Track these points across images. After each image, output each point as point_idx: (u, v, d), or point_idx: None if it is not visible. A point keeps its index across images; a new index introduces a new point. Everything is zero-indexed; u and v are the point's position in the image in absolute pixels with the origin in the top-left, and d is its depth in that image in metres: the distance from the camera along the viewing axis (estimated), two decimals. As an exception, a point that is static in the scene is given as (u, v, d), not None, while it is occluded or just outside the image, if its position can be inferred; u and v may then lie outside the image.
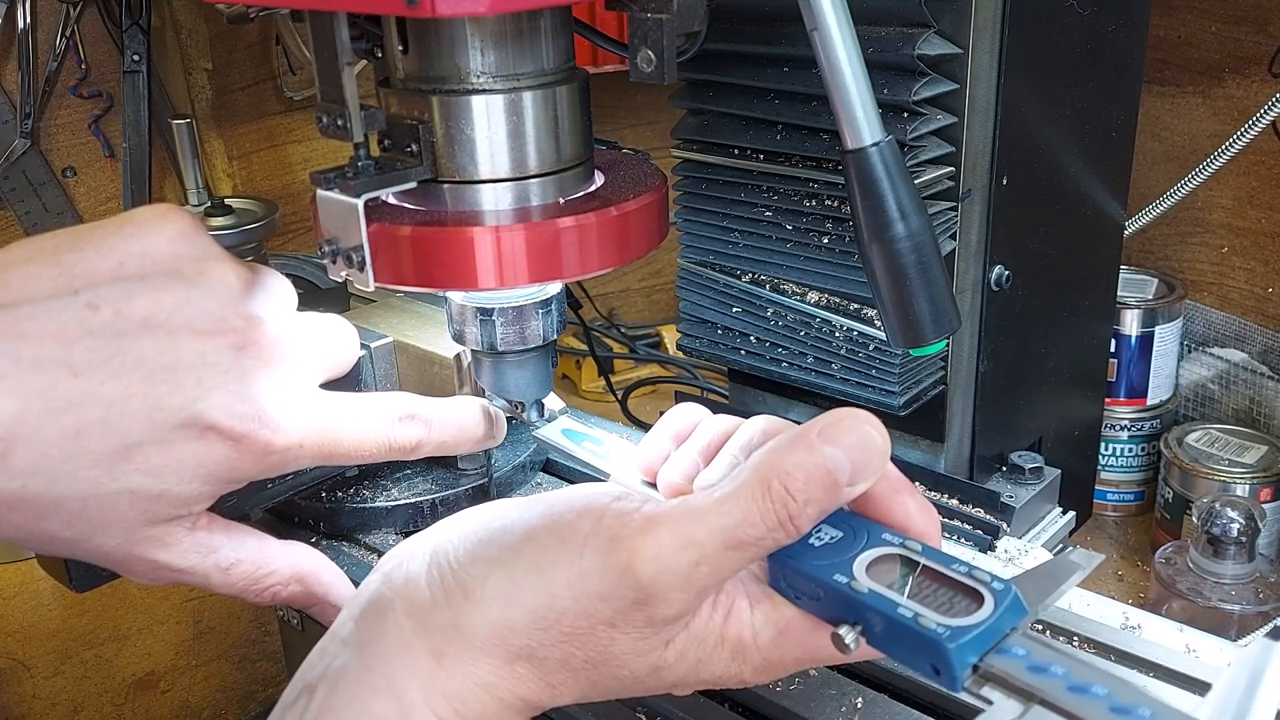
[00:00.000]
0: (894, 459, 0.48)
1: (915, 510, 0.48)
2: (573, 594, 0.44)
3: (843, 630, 0.44)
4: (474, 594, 0.46)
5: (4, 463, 0.46)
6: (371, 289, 0.55)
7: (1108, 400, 1.06)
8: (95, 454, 0.47)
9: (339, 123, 0.51)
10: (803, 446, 0.44)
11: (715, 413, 0.57)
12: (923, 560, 0.45)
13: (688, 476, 0.54)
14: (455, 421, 0.63)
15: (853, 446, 0.44)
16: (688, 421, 0.57)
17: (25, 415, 0.45)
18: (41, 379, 0.46)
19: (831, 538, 0.46)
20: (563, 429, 0.67)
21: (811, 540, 0.46)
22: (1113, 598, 0.63)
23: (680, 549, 0.43)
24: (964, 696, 0.47)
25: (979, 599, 0.43)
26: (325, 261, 0.55)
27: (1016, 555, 0.67)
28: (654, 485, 0.56)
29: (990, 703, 0.41)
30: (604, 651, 0.45)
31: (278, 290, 0.55)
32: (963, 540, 0.68)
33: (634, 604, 0.44)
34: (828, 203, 0.69)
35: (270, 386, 0.52)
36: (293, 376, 0.54)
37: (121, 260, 0.49)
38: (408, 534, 0.69)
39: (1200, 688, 0.54)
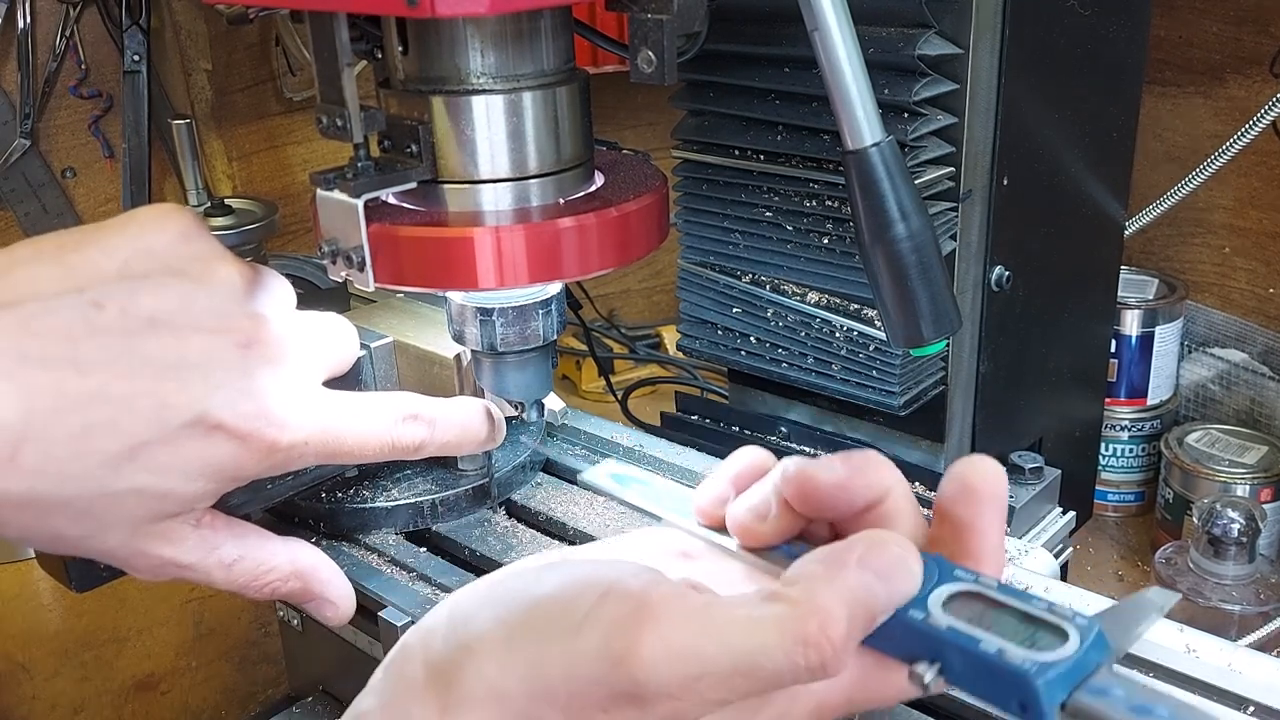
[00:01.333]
0: (894, 459, 0.48)
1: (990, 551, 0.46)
2: (564, 674, 0.41)
3: (920, 668, 0.42)
4: (475, 650, 0.44)
5: (12, 464, 0.45)
6: (371, 289, 0.55)
7: (1108, 400, 1.06)
8: (103, 454, 0.47)
9: (339, 123, 0.51)
10: (843, 581, 0.41)
11: (716, 414, 0.56)
12: (1000, 597, 0.43)
13: (760, 515, 0.50)
14: (459, 422, 0.63)
15: (890, 574, 0.42)
16: (749, 464, 0.53)
17: (33, 415, 0.45)
18: (49, 377, 0.46)
19: None
20: (611, 474, 0.63)
21: None
22: (1113, 598, 0.63)
23: (683, 657, 0.40)
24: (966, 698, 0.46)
25: (1060, 635, 0.41)
26: (325, 262, 0.55)
27: (1017, 555, 0.67)
28: (713, 528, 0.53)
29: None
30: None
31: (278, 289, 0.55)
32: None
33: (628, 697, 0.41)
34: (828, 203, 0.69)
35: (275, 385, 0.52)
36: (297, 375, 0.54)
37: (126, 259, 0.49)
38: (408, 534, 0.69)
39: (1201, 688, 0.54)
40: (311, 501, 0.69)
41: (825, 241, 0.70)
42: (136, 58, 1.10)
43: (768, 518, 0.49)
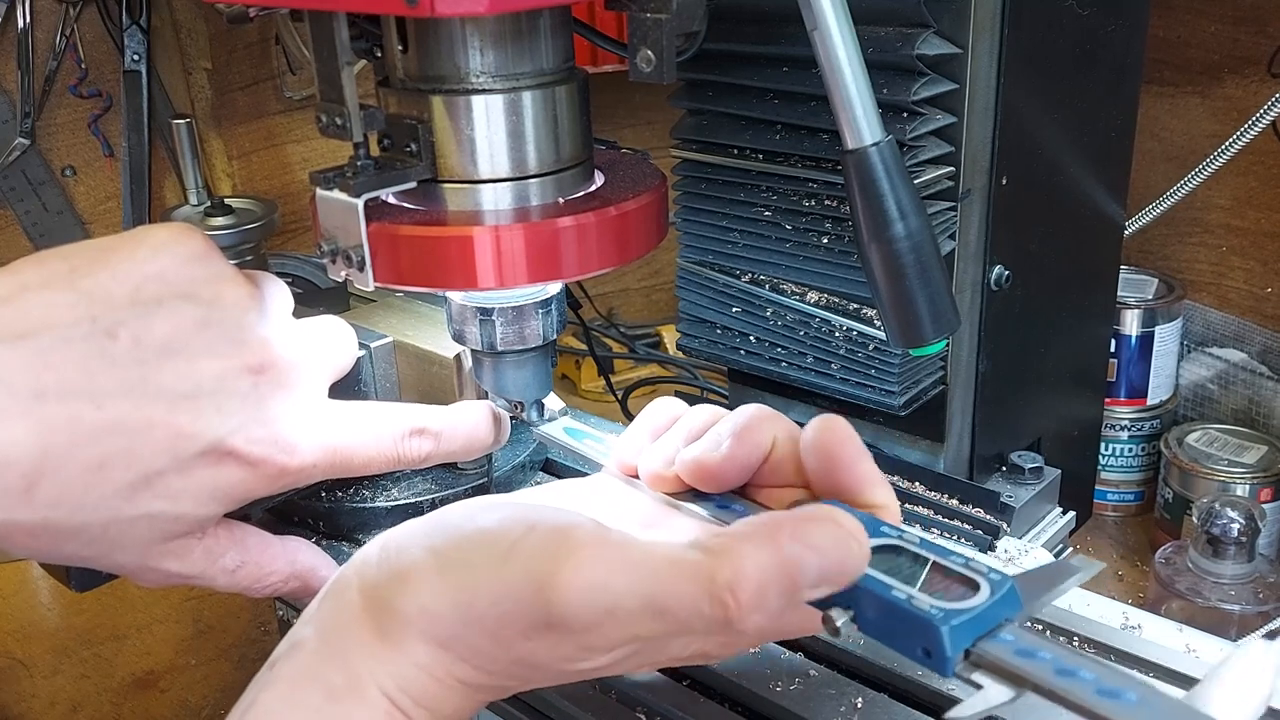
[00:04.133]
0: (894, 459, 0.48)
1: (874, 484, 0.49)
2: (490, 600, 0.44)
3: (834, 613, 0.43)
4: (409, 576, 0.46)
5: (29, 496, 0.46)
6: (371, 289, 0.55)
7: (1108, 400, 1.06)
8: (117, 483, 0.48)
9: (339, 122, 0.51)
10: (769, 547, 0.41)
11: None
12: (920, 552, 0.45)
13: (669, 462, 0.53)
14: (465, 432, 0.63)
15: (827, 549, 0.42)
16: (667, 416, 0.56)
17: (49, 449, 0.46)
18: (64, 411, 0.46)
19: None
20: (565, 428, 0.67)
21: None
22: (1113, 598, 0.63)
23: (598, 590, 0.42)
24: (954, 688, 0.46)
25: (975, 589, 0.42)
26: (325, 261, 0.55)
27: (1016, 555, 0.67)
28: (636, 478, 0.55)
29: (980, 687, 0.40)
30: (528, 657, 0.44)
31: (280, 300, 0.56)
32: (963, 540, 0.68)
33: (547, 626, 0.43)
34: (827, 203, 0.69)
35: (286, 409, 0.53)
36: (305, 395, 0.55)
37: (137, 285, 0.49)
38: (407, 534, 0.69)
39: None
40: (311, 501, 0.69)
41: (824, 241, 0.70)
42: (136, 57, 1.10)
43: (674, 464, 0.53)
